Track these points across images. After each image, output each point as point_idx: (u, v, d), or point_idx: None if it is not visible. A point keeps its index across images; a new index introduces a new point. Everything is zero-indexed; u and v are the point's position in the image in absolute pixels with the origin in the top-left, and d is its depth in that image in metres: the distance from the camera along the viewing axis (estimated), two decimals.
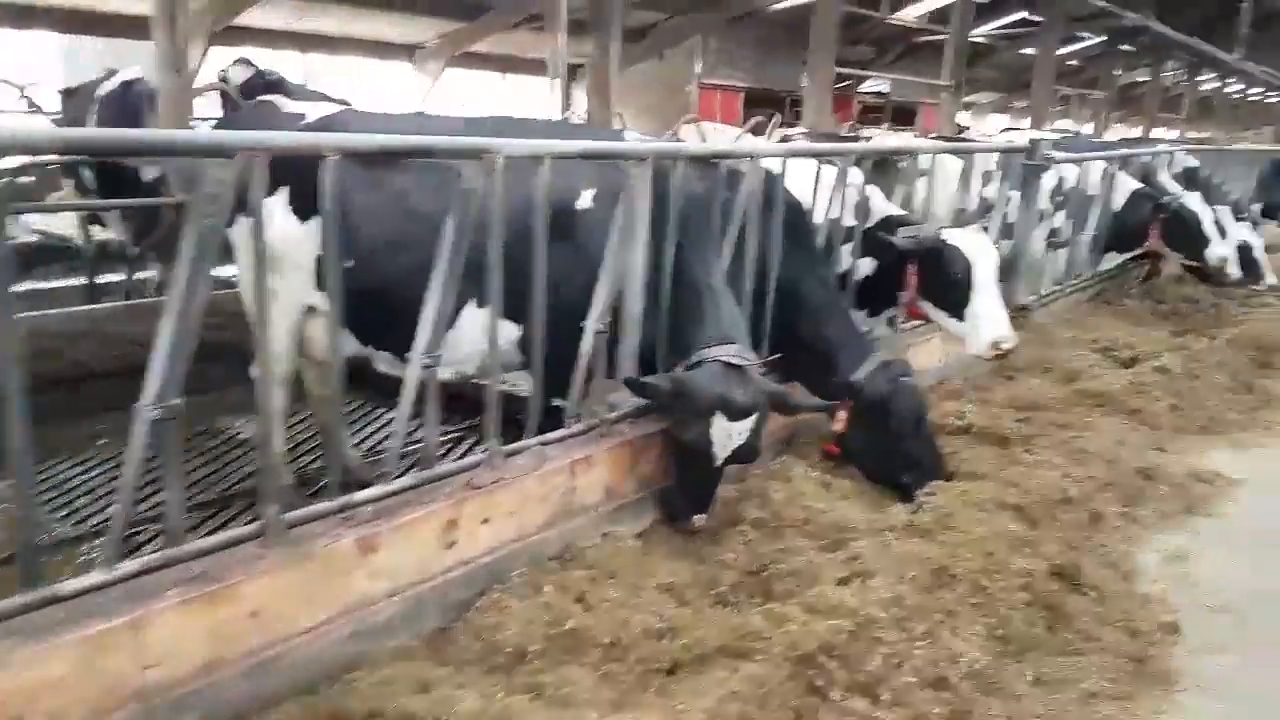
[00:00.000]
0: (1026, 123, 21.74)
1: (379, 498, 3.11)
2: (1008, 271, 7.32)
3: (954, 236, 4.90)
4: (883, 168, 6.61)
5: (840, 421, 4.43)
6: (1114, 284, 9.28)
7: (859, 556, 3.43)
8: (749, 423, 3.64)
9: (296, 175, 4.20)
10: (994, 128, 26.13)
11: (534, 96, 19.39)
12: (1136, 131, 25.27)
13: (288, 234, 4.29)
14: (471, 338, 4.06)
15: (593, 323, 3.71)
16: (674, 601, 3.36)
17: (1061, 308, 8.00)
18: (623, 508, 3.91)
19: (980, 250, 4.87)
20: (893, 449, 4.34)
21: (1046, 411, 5.57)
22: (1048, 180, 7.45)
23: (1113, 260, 8.97)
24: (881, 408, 4.28)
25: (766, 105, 19.10)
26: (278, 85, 8.10)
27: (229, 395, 5.65)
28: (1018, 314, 7.29)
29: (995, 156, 7.53)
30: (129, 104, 7.22)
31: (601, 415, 3.86)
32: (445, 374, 4.24)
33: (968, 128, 20.41)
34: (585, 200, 3.97)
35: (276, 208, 4.29)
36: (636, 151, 3.71)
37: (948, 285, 4.91)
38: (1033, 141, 7.03)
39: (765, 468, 4.41)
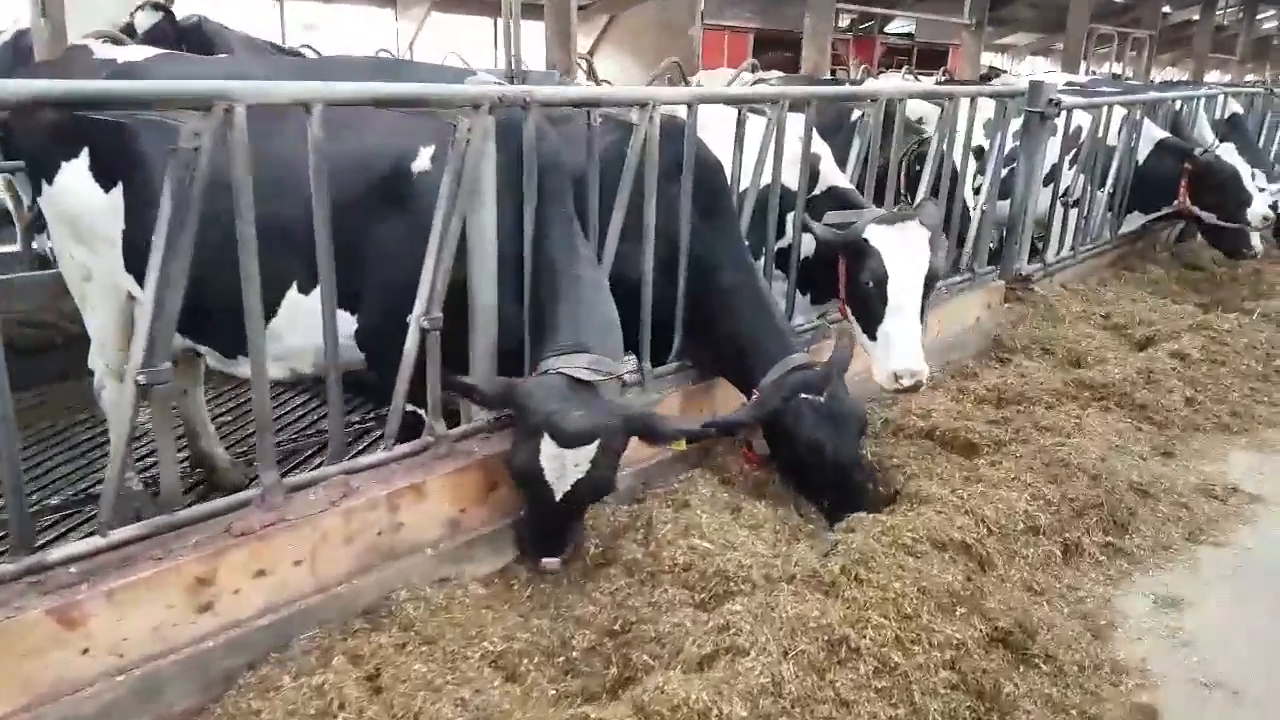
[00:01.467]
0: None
1: (86, 555, 2.42)
2: (1009, 235, 6.46)
3: (879, 234, 3.89)
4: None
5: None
6: (1138, 248, 8.30)
7: (731, 625, 2.66)
8: (586, 452, 2.89)
9: (99, 136, 3.52)
10: (1034, 71, 24.55)
11: (531, 41, 18.38)
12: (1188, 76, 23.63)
13: (92, 204, 3.60)
14: (297, 328, 3.37)
15: (418, 316, 2.97)
16: (500, 676, 2.66)
17: (1073, 276, 7.07)
18: (474, 542, 3.19)
19: (905, 254, 3.86)
20: (804, 470, 3.59)
21: (1033, 407, 4.74)
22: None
23: (1137, 222, 7.95)
24: (780, 426, 3.52)
25: (780, 47, 17.97)
26: (194, 30, 7.38)
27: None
28: (1018, 284, 6.45)
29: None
30: (20, 53, 6.55)
31: (439, 431, 3.12)
32: (277, 371, 3.58)
33: (1001, 71, 19.05)
34: (423, 161, 3.22)
35: (78, 173, 3.59)
36: (461, 96, 2.91)
37: (861, 293, 3.94)
38: (1034, 84, 6.07)
39: (667, 485, 3.68)
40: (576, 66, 10.11)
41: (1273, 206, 7.18)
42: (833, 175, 4.51)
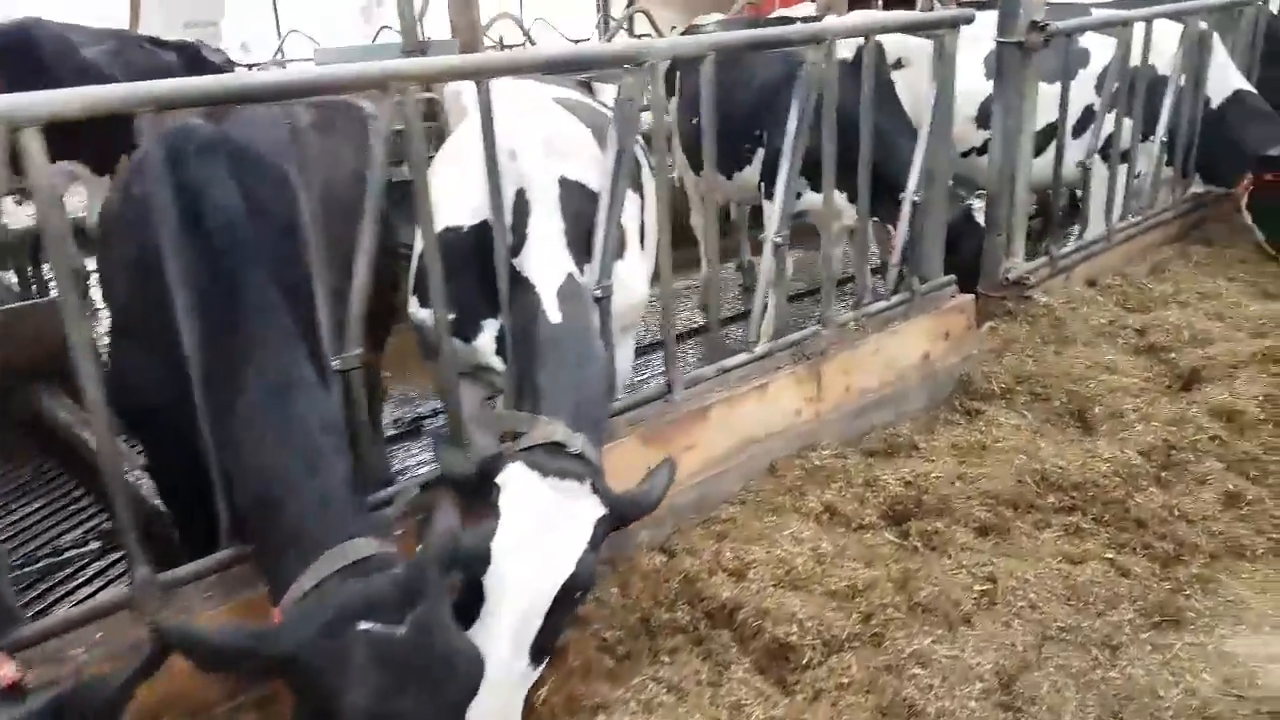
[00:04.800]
0: None
1: None
2: (988, 224, 4.54)
3: (514, 487, 2.19)
4: None
5: None
6: (1224, 210, 6.01)
7: None
8: None
9: None
10: None
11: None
12: None
13: None
14: None
15: None
16: None
17: (1106, 266, 5.00)
18: None
19: (531, 539, 2.14)
20: None
21: (952, 530, 2.92)
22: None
23: (1201, 186, 5.72)
24: (312, 670, 1.85)
25: None
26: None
27: None
28: (1008, 294, 4.51)
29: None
30: None
31: None
32: None
33: None
34: None
35: None
36: None
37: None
38: (1006, 3, 4.03)
39: None
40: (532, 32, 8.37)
41: None
42: (541, 244, 2.69)
